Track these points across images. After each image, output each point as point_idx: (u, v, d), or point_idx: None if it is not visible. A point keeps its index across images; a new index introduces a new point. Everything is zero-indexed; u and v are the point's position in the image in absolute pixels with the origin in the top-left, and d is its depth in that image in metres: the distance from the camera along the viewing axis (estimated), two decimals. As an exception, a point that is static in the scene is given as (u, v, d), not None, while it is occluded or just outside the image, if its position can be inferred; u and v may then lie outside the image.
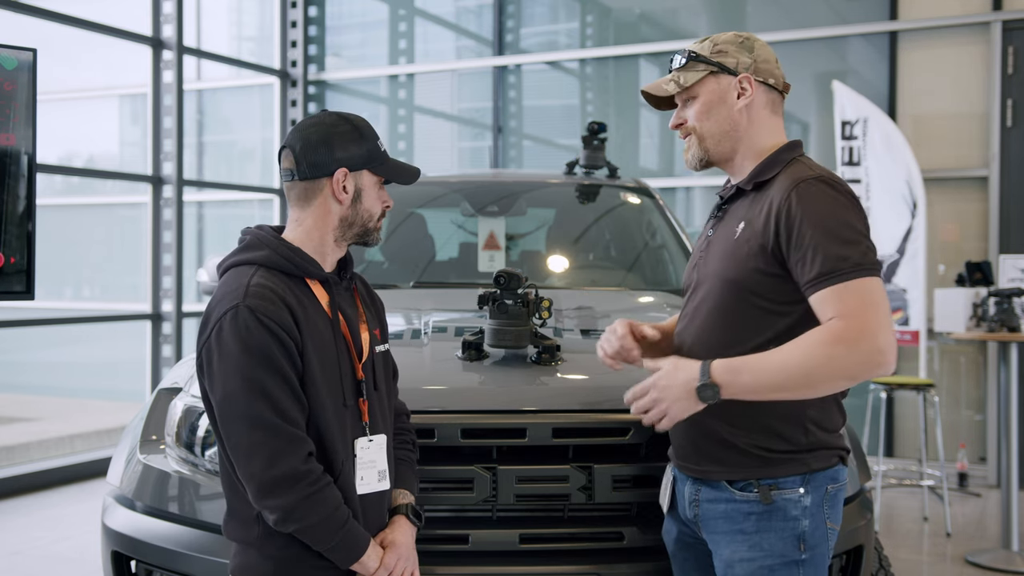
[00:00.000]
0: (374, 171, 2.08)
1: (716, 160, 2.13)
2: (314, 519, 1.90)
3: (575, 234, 4.20)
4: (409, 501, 2.15)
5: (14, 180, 2.06)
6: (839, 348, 1.82)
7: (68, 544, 5.08)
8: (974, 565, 4.82)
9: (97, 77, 10.30)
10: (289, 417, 1.90)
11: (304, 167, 2.03)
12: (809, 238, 1.89)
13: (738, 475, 2.02)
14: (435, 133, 8.99)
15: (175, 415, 2.66)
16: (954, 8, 6.83)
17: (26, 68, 2.08)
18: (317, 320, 2.00)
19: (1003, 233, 6.66)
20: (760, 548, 1.99)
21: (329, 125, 2.05)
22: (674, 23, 8.06)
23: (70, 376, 11.05)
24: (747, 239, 2.00)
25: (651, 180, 6.92)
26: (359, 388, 2.05)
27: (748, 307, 1.99)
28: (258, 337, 1.89)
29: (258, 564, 1.99)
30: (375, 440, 2.06)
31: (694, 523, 2.11)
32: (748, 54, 2.09)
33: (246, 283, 1.95)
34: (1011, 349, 4.98)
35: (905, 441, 6.90)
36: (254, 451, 1.89)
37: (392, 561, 2.03)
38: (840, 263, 1.86)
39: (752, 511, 2.00)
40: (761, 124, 2.10)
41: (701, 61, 2.09)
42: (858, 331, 1.82)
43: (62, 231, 10.80)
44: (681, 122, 2.14)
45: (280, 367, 1.90)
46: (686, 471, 2.11)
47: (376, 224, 2.11)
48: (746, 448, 2.01)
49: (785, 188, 1.96)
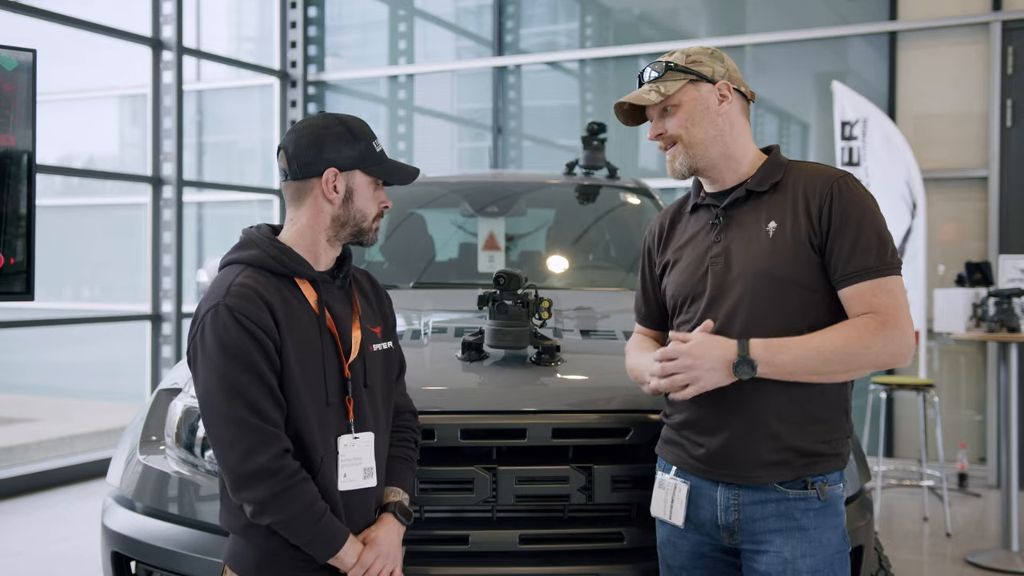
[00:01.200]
0: (367, 171, 2.09)
1: (702, 167, 2.15)
2: (288, 514, 1.94)
3: (575, 234, 4.20)
4: (399, 500, 2.15)
5: (14, 181, 2.07)
6: (877, 340, 1.97)
7: (68, 544, 5.08)
8: (974, 565, 4.82)
9: (97, 78, 10.30)
10: (264, 414, 1.95)
11: (295, 167, 2.08)
12: (852, 232, 2.01)
13: (789, 475, 2.04)
14: (435, 134, 8.99)
15: (175, 416, 2.66)
16: (954, 8, 6.84)
17: (26, 69, 2.08)
18: (302, 318, 2.03)
19: (1003, 233, 6.66)
20: (820, 543, 2.04)
21: (321, 126, 2.08)
22: (674, 23, 8.07)
23: (70, 376, 11.05)
24: (789, 235, 2.05)
25: (651, 180, 6.91)
26: (345, 386, 2.06)
27: (799, 299, 2.05)
28: (235, 336, 1.94)
29: (244, 553, 2.05)
30: (360, 438, 2.07)
31: (727, 529, 2.08)
32: (720, 63, 2.16)
33: (229, 282, 2.01)
34: (1011, 349, 4.98)
35: (905, 441, 6.90)
36: (230, 446, 1.95)
37: (370, 558, 2.03)
38: (877, 260, 2.00)
39: (810, 507, 2.05)
40: (740, 130, 2.16)
41: (679, 71, 2.12)
42: (893, 326, 1.98)
43: (62, 231, 10.80)
44: (662, 132, 2.15)
45: (255, 365, 1.95)
46: (721, 478, 2.08)
47: (371, 224, 2.12)
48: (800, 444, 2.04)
49: (824, 182, 2.06)
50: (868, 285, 1.99)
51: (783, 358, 1.97)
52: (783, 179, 2.11)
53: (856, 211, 2.02)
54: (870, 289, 1.99)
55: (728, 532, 2.09)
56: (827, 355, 1.96)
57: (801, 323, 2.03)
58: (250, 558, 2.04)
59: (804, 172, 2.12)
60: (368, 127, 2.14)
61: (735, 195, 2.14)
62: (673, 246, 2.26)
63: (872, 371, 2.05)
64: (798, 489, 2.04)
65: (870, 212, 2.03)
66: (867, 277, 1.99)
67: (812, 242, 2.04)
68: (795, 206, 2.07)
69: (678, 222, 2.29)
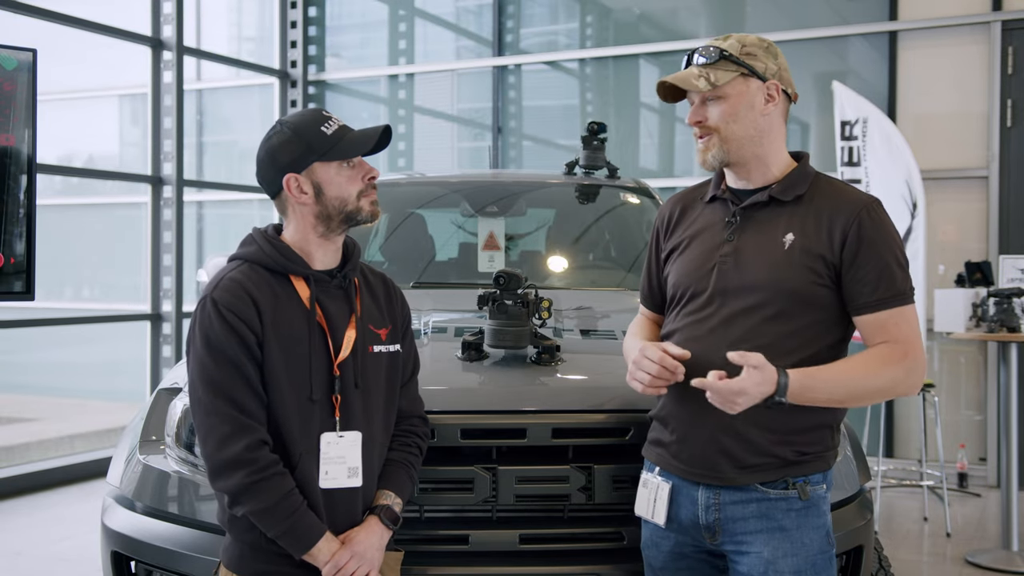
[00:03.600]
0: (325, 159, 2.07)
1: (734, 163, 2.11)
2: (260, 504, 1.97)
3: (575, 234, 4.20)
4: (387, 503, 2.13)
5: (14, 180, 2.07)
6: (898, 371, 2.00)
7: (68, 544, 5.08)
8: (974, 565, 4.81)
9: (97, 77, 10.29)
10: (241, 406, 1.98)
11: (264, 187, 2.13)
12: (876, 261, 2.01)
13: (770, 476, 2.04)
14: (435, 133, 8.99)
15: (175, 415, 2.66)
16: (954, 8, 6.83)
17: (26, 68, 2.08)
18: (291, 314, 2.05)
19: (1003, 233, 6.66)
20: (802, 543, 2.04)
21: (267, 138, 2.11)
22: (674, 23, 8.06)
23: (70, 376, 11.05)
24: (804, 250, 2.03)
25: (651, 180, 6.91)
26: (333, 383, 2.07)
27: (803, 314, 2.03)
28: (217, 329, 1.99)
29: (231, 546, 2.10)
30: (346, 436, 2.07)
31: (708, 529, 2.08)
32: (774, 60, 2.10)
33: (221, 277, 2.06)
34: (1011, 349, 4.98)
35: (905, 441, 6.90)
36: (207, 435, 2.00)
37: (343, 558, 2.03)
38: (897, 290, 2.02)
39: (791, 508, 2.04)
40: (778, 132, 2.13)
41: (732, 61, 2.06)
42: (912, 357, 2.01)
43: (62, 231, 10.79)
44: (701, 119, 2.10)
45: (234, 358, 1.98)
46: (702, 479, 2.07)
47: (357, 205, 2.09)
48: (781, 453, 2.03)
49: (851, 207, 2.05)
50: (888, 314, 2.01)
51: (812, 395, 1.96)
52: (808, 192, 2.09)
53: (880, 241, 2.02)
54: (892, 318, 2.01)
55: (709, 532, 2.08)
56: (851, 386, 1.99)
57: (802, 339, 2.02)
58: (234, 551, 2.08)
59: (832, 191, 2.10)
60: (317, 112, 2.10)
61: (756, 198, 2.11)
62: (681, 233, 2.22)
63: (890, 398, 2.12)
64: (779, 489, 2.03)
65: (893, 242, 2.04)
66: (887, 306, 2.01)
67: (827, 262, 2.03)
68: (817, 223, 2.04)
69: (691, 209, 2.25)
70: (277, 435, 2.03)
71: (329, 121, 2.09)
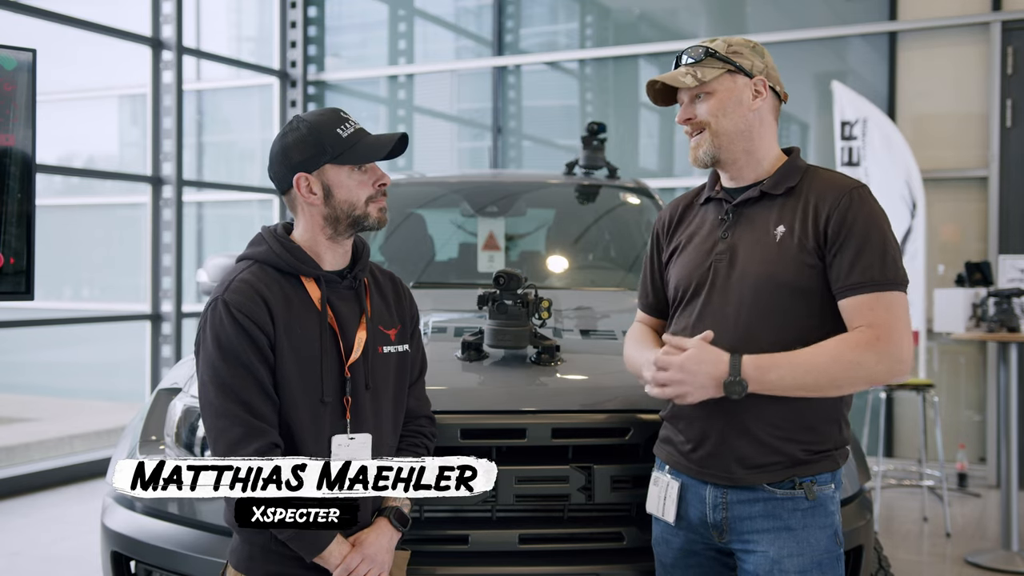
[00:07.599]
0: (338, 162, 2.05)
1: (724, 159, 2.13)
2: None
3: (575, 234, 4.20)
4: (396, 504, 2.14)
5: (14, 180, 2.06)
6: (868, 356, 1.94)
7: (68, 544, 5.08)
8: (974, 565, 4.82)
9: (96, 77, 10.29)
10: (253, 409, 1.97)
11: (275, 183, 2.12)
12: (857, 243, 1.99)
13: (778, 476, 2.04)
14: (435, 133, 8.99)
15: (175, 415, 2.66)
16: (954, 8, 6.84)
17: (26, 68, 2.08)
18: (303, 315, 2.03)
19: (1003, 233, 6.66)
20: (808, 543, 2.04)
21: (283, 134, 2.09)
22: (674, 23, 8.07)
23: (70, 376, 11.05)
24: (796, 241, 2.04)
25: (650, 180, 6.92)
26: (344, 385, 2.05)
27: (800, 305, 2.04)
28: (230, 331, 1.97)
29: (239, 548, 2.08)
30: (357, 439, 2.07)
31: (716, 527, 2.09)
32: (760, 58, 2.13)
33: (232, 278, 2.03)
34: (1011, 349, 4.98)
35: (905, 441, 6.90)
36: (218, 438, 1.98)
37: (355, 561, 2.03)
38: (880, 274, 1.97)
39: (798, 507, 2.04)
40: (768, 128, 2.14)
41: (718, 58, 2.09)
42: (886, 342, 1.94)
43: (62, 231, 10.80)
44: (691, 117, 2.12)
45: (247, 360, 1.96)
46: (711, 478, 2.08)
47: (365, 210, 2.07)
48: (789, 451, 2.03)
49: (836, 192, 2.04)
50: (867, 298, 1.97)
51: (771, 377, 1.95)
52: (799, 184, 2.10)
53: (864, 223, 2.00)
54: (868, 302, 1.97)
55: (717, 531, 2.09)
56: (817, 372, 1.95)
57: (801, 329, 2.02)
58: (243, 552, 2.06)
59: (820, 179, 2.10)
60: (336, 113, 2.09)
61: (748, 194, 2.13)
62: (680, 235, 2.25)
63: (866, 387, 2.02)
64: (786, 489, 2.04)
65: (878, 226, 2.01)
66: (867, 290, 1.97)
67: (818, 250, 2.02)
68: (805, 212, 2.05)
69: (689, 211, 2.28)
70: (288, 437, 2.02)
71: (347, 123, 2.06)
